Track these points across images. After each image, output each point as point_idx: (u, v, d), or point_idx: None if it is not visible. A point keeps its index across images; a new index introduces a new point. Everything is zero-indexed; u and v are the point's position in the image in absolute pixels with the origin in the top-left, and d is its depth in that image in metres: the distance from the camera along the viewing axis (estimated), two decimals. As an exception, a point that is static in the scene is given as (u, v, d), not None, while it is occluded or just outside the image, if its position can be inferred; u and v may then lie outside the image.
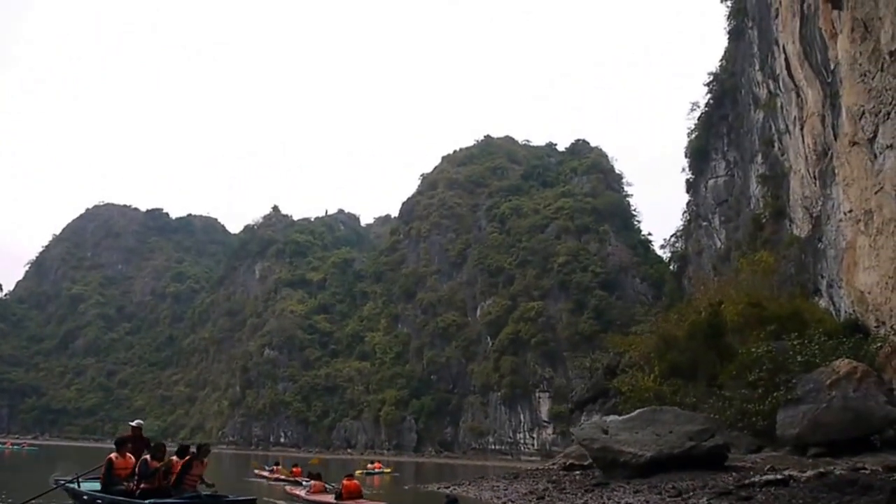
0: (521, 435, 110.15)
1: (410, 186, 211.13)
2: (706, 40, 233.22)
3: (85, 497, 12.03)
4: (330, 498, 18.25)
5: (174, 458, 11.93)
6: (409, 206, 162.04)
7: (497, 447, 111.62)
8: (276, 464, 34.64)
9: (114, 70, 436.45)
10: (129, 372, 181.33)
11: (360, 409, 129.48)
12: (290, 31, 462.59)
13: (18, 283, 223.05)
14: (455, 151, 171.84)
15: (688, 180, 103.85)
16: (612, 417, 20.32)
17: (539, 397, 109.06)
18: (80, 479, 12.57)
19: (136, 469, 11.63)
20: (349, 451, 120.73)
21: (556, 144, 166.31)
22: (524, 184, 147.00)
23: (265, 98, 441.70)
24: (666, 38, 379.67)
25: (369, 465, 40.32)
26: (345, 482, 18.35)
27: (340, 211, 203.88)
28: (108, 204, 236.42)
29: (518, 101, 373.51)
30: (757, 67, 68.91)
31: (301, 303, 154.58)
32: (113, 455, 11.92)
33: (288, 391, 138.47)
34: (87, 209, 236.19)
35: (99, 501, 11.71)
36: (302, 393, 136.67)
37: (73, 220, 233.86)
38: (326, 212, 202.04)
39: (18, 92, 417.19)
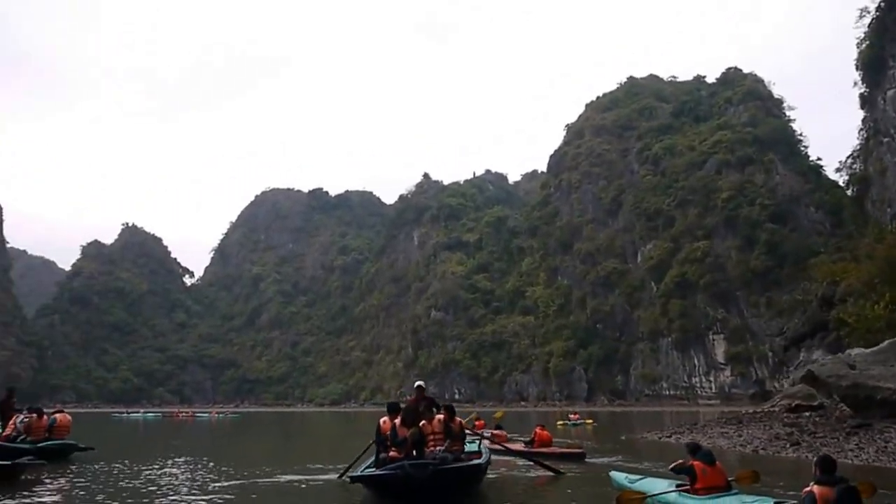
0: (697, 379, 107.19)
1: (556, 139, 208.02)
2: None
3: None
4: (518, 446, 18.39)
5: (424, 422, 10.66)
6: (556, 159, 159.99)
7: (672, 392, 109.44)
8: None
9: (271, 70, 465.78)
10: (310, 341, 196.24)
11: (528, 363, 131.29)
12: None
13: (206, 268, 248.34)
14: (598, 97, 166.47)
15: (862, 95, 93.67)
16: (856, 351, 19.19)
17: (713, 339, 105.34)
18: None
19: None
20: (522, 403, 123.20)
21: (704, 77, 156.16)
22: (675, 121, 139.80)
23: (404, 70, 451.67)
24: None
25: (571, 416, 40.84)
26: (537, 430, 18.46)
27: (488, 171, 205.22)
28: (274, 189, 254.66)
29: (661, 38, 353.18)
30: (938, -45, 60.28)
31: (460, 264, 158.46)
32: (381, 420, 11.10)
33: (457, 349, 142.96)
34: (257, 196, 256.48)
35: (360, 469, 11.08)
36: (470, 350, 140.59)
37: (246, 207, 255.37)
38: (474, 173, 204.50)
39: (185, 100, 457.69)
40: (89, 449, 16.33)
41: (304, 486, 11.71)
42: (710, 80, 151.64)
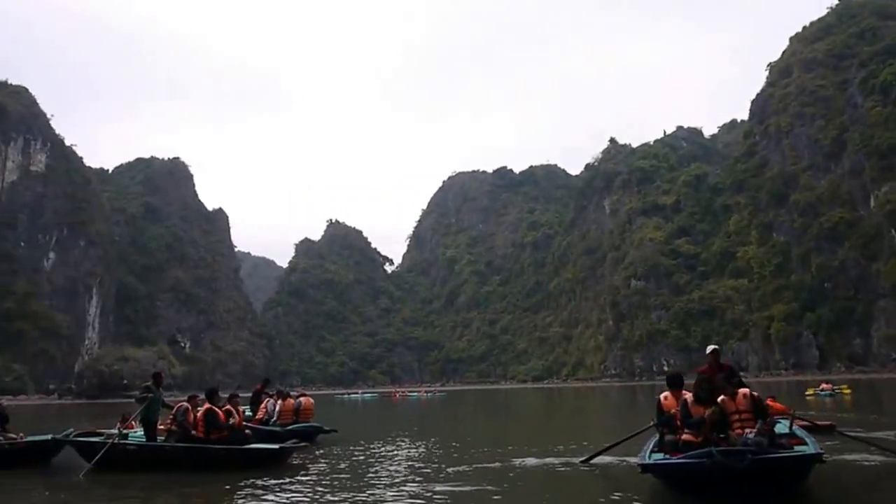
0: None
1: (757, 81, 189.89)
2: None
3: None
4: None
5: (725, 398, 8.11)
6: (760, 103, 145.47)
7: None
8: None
9: (453, 64, 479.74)
10: (507, 319, 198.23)
11: (745, 330, 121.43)
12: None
13: (404, 255, 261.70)
14: (805, 27, 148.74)
15: None
16: None
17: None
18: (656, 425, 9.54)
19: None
20: (742, 373, 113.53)
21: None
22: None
23: (579, 35, 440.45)
24: None
25: (823, 386, 35.68)
26: (768, 402, 15.05)
27: (680, 127, 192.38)
28: (460, 173, 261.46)
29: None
30: None
31: (658, 229, 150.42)
32: (662, 396, 9.24)
33: (662, 319, 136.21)
34: (444, 181, 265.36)
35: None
36: (677, 319, 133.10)
37: (436, 193, 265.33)
38: (665, 132, 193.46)
39: (376, 102, 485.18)
40: (333, 431, 16.18)
41: (561, 469, 10.12)
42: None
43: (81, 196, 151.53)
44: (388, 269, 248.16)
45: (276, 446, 11.41)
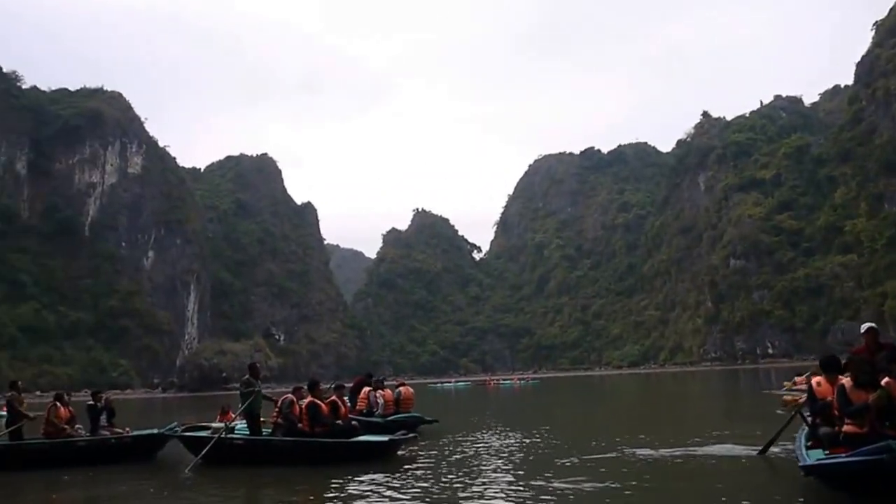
0: None
1: (862, 43, 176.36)
2: None
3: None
4: None
5: (889, 380, 6.68)
6: (866, 66, 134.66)
7: None
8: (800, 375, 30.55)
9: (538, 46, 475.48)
10: (599, 304, 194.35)
11: (855, 308, 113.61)
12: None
13: (491, 242, 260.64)
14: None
15: None
16: None
17: None
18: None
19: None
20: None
21: None
22: None
23: (668, 12, 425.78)
24: None
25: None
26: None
27: (777, 97, 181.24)
28: (546, 155, 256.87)
29: None
30: None
31: (757, 205, 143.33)
32: (814, 381, 8.14)
33: (765, 299, 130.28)
34: (530, 165, 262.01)
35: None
36: (781, 299, 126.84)
37: (522, 177, 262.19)
38: (761, 102, 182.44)
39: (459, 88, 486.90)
40: (434, 422, 15.88)
41: (683, 462, 9.51)
42: None
43: (176, 195, 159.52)
44: (476, 256, 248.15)
45: (384, 438, 11.16)
